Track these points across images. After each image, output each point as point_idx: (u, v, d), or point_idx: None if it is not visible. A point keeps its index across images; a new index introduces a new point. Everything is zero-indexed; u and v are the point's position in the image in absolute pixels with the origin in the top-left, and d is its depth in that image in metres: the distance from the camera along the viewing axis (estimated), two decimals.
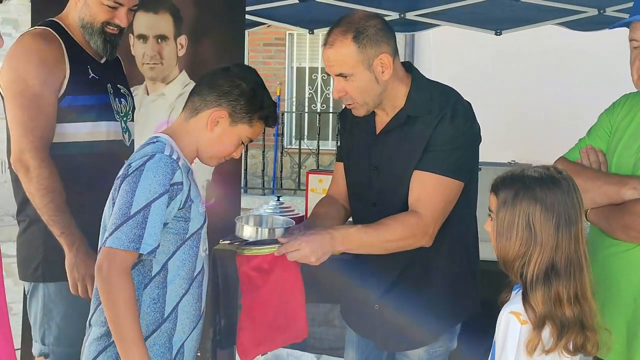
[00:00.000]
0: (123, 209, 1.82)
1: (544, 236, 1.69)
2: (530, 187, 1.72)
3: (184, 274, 1.95)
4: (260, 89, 2.05)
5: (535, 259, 1.69)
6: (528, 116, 6.94)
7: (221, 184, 3.62)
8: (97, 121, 2.41)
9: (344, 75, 2.10)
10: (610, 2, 4.06)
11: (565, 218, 1.69)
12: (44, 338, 2.40)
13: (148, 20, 3.48)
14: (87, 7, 2.39)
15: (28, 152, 2.27)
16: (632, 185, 1.98)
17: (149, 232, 1.81)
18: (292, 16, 4.60)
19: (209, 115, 1.98)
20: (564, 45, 6.34)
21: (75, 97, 2.36)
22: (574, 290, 1.69)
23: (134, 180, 1.84)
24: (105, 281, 1.80)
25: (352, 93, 2.12)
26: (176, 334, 1.95)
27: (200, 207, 1.98)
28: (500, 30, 4.49)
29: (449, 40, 6.47)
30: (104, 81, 2.47)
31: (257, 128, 2.05)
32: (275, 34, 9.96)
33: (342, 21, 2.12)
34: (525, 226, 1.70)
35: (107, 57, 2.49)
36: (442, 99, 2.18)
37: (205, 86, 2.02)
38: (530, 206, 1.70)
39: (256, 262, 2.16)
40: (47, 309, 2.39)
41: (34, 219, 2.37)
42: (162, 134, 1.99)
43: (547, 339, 1.67)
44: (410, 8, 4.39)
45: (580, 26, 4.37)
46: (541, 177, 1.73)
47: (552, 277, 1.68)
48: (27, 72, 2.30)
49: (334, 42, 2.09)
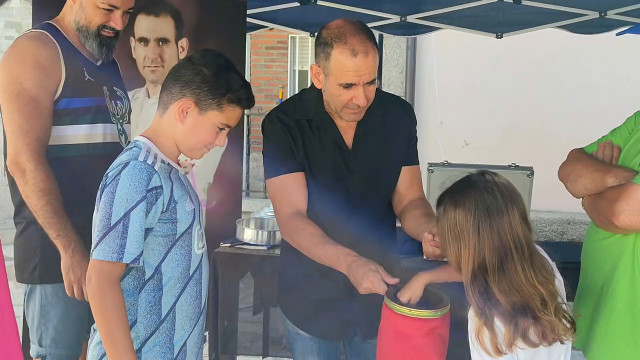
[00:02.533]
0: (104, 220, 1.84)
1: (466, 236, 1.76)
2: (451, 196, 1.81)
3: (179, 274, 1.95)
4: (224, 71, 1.98)
5: (466, 260, 1.76)
6: (529, 119, 6.92)
7: (222, 187, 3.63)
8: (94, 123, 2.41)
9: (373, 80, 2.12)
10: (611, 5, 4.06)
11: (484, 213, 1.74)
12: (41, 340, 2.40)
13: (149, 23, 3.49)
14: (83, 10, 2.40)
15: (24, 155, 2.27)
16: (614, 174, 2.03)
17: (131, 241, 1.83)
18: (293, 19, 4.60)
19: (177, 108, 1.95)
20: (565, 49, 6.33)
21: (71, 100, 2.36)
22: (507, 280, 1.72)
23: (111, 190, 1.85)
24: (95, 293, 1.83)
25: (371, 98, 2.15)
26: (176, 333, 1.96)
27: (186, 206, 1.96)
28: (501, 33, 4.49)
29: (450, 44, 6.47)
30: (100, 83, 2.47)
31: (231, 112, 1.98)
32: (277, 37, 9.97)
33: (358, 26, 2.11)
34: (453, 234, 1.78)
35: (103, 60, 2.49)
36: (396, 97, 2.42)
37: (170, 79, 1.99)
38: (452, 213, 1.78)
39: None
40: (44, 310, 2.39)
41: (30, 221, 2.37)
42: (141, 137, 1.99)
43: (504, 335, 1.71)
44: (412, 11, 4.39)
45: (581, 29, 4.37)
46: (460, 182, 1.83)
47: (480, 275, 1.74)
48: (23, 74, 2.30)
49: (368, 50, 2.08)
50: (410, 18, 4.41)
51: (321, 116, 2.24)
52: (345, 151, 2.24)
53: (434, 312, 1.91)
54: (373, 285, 1.94)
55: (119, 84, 2.62)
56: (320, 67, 2.15)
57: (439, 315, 1.91)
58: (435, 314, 1.91)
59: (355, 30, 2.10)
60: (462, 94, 7.06)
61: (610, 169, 2.06)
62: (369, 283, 1.94)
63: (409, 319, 1.91)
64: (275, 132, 2.25)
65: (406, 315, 1.91)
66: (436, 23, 4.48)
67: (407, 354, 1.93)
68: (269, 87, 10.41)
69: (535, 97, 6.95)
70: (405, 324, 1.92)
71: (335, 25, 2.13)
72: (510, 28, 4.46)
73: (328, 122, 2.23)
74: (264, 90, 10.41)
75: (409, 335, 1.92)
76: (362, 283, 1.96)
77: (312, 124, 2.24)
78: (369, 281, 1.94)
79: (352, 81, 2.09)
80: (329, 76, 2.13)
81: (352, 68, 2.07)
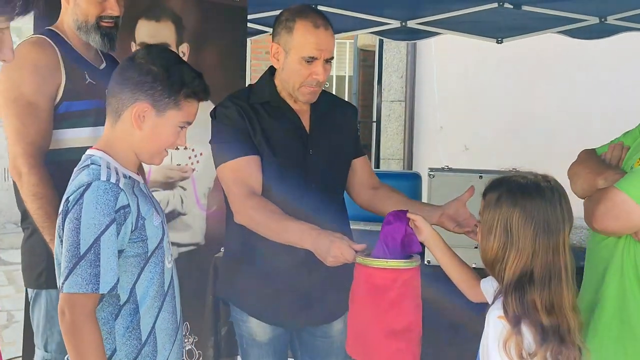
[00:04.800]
0: (72, 250, 1.69)
1: (520, 241, 1.72)
2: (512, 192, 1.75)
3: (154, 292, 1.84)
4: (174, 65, 1.85)
5: (512, 263, 1.72)
6: (529, 124, 6.92)
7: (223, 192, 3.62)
8: (95, 126, 2.41)
9: (330, 59, 2.23)
10: (611, 11, 4.07)
11: (544, 226, 1.71)
12: (47, 345, 2.40)
13: (150, 28, 3.49)
14: (77, 6, 2.43)
15: (20, 158, 2.30)
16: (605, 176, 2.03)
17: (105, 269, 1.69)
18: None
19: (132, 114, 1.80)
20: (565, 54, 6.34)
21: (71, 103, 2.39)
22: (549, 299, 1.70)
23: (75, 216, 1.70)
24: (69, 328, 1.69)
25: (326, 77, 2.26)
26: (159, 354, 1.86)
27: (154, 221, 1.84)
28: (501, 38, 4.50)
29: (450, 49, 6.48)
30: (102, 86, 2.45)
31: (189, 107, 1.85)
32: None
33: (310, 8, 2.28)
34: (504, 229, 1.73)
35: (108, 51, 2.52)
36: (335, 95, 2.63)
37: (116, 83, 1.84)
38: (509, 210, 1.73)
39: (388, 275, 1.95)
40: (49, 315, 2.39)
41: (36, 226, 2.37)
42: (95, 151, 1.84)
43: (529, 343, 1.69)
44: (412, 16, 4.40)
45: (581, 34, 4.38)
46: (526, 183, 1.76)
47: (526, 284, 1.71)
48: (21, 79, 2.33)
49: (327, 26, 2.21)
50: (410, 23, 4.42)
51: (277, 100, 2.30)
52: (303, 132, 2.31)
53: (409, 262, 1.92)
54: (342, 253, 1.93)
55: None
56: (280, 44, 2.24)
57: (414, 265, 1.92)
58: (411, 263, 1.92)
59: (312, 9, 2.27)
60: (462, 99, 7.07)
61: (603, 171, 2.06)
62: (337, 250, 1.93)
63: (386, 270, 1.90)
64: (229, 116, 2.26)
65: (383, 268, 1.90)
66: (436, 28, 4.48)
67: (382, 307, 1.91)
68: None
69: (536, 102, 6.95)
70: (382, 276, 1.90)
71: (296, 6, 2.27)
72: (510, 33, 4.47)
73: (285, 106, 2.31)
74: None
75: (385, 287, 1.90)
76: (330, 251, 1.95)
77: (267, 107, 2.30)
78: (336, 248, 1.93)
79: (314, 54, 2.18)
80: (289, 51, 2.21)
81: (314, 40, 2.18)
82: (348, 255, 1.93)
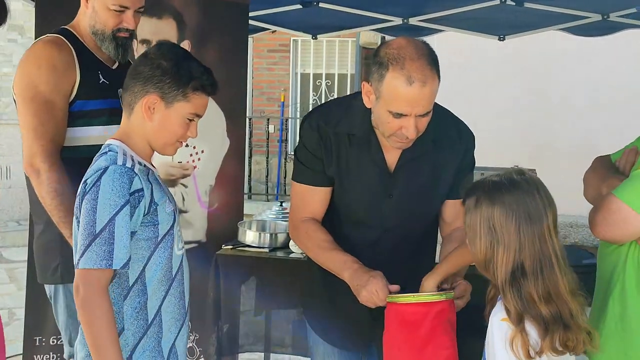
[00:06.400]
0: (88, 228, 1.80)
1: (505, 237, 1.72)
2: (489, 191, 1.76)
3: (161, 276, 1.93)
4: (184, 60, 1.94)
5: (502, 260, 1.72)
6: (532, 121, 6.92)
7: (224, 189, 3.62)
8: (108, 125, 2.44)
9: (428, 112, 1.94)
10: (614, 8, 4.05)
11: (525, 217, 1.71)
12: (71, 340, 2.41)
13: (151, 25, 3.49)
14: (96, 14, 2.46)
15: (39, 156, 2.33)
16: (609, 183, 2.01)
17: (119, 246, 1.79)
18: (295, 21, 4.60)
19: (142, 105, 1.91)
20: (567, 51, 6.33)
21: (85, 102, 2.43)
22: (544, 289, 1.70)
23: (93, 197, 1.81)
24: (83, 303, 1.79)
25: (422, 130, 1.97)
26: (164, 336, 1.94)
27: (167, 207, 1.93)
28: (503, 35, 4.49)
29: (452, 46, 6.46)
30: (115, 86, 2.48)
31: (198, 100, 1.93)
32: (279, 40, 9.98)
33: (422, 50, 1.93)
34: (487, 229, 1.74)
35: (120, 61, 2.55)
36: (454, 120, 2.20)
37: (130, 78, 1.95)
38: (489, 209, 1.73)
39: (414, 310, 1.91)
40: (70, 310, 2.41)
41: (50, 222, 2.40)
42: (113, 140, 1.95)
43: (535, 340, 1.68)
44: (414, 14, 4.39)
45: (583, 31, 4.37)
46: (500, 180, 1.77)
47: (519, 278, 1.71)
48: (38, 78, 2.37)
49: (427, 80, 1.89)
50: (412, 20, 4.40)
51: (366, 133, 2.08)
52: (385, 173, 2.11)
53: (439, 294, 1.88)
54: (376, 290, 1.91)
55: None
56: (372, 86, 1.97)
57: (444, 298, 1.88)
58: (440, 296, 1.88)
59: (416, 54, 1.91)
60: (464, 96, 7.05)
61: (608, 178, 2.04)
62: (372, 286, 1.92)
63: (415, 305, 1.88)
64: (310, 140, 2.15)
65: (411, 303, 1.88)
66: (439, 25, 4.47)
67: (416, 344, 1.88)
68: (271, 90, 10.42)
69: (538, 99, 6.94)
70: (412, 312, 1.88)
71: (396, 45, 1.94)
72: (512, 30, 4.46)
73: (372, 139, 2.08)
74: (266, 93, 10.42)
75: (416, 322, 1.87)
76: (366, 286, 1.94)
77: (352, 138, 2.11)
78: (373, 284, 1.92)
79: (404, 111, 1.91)
80: (379, 99, 1.95)
81: (405, 97, 1.89)
82: (382, 294, 1.92)
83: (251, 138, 9.27)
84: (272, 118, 9.72)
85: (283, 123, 9.75)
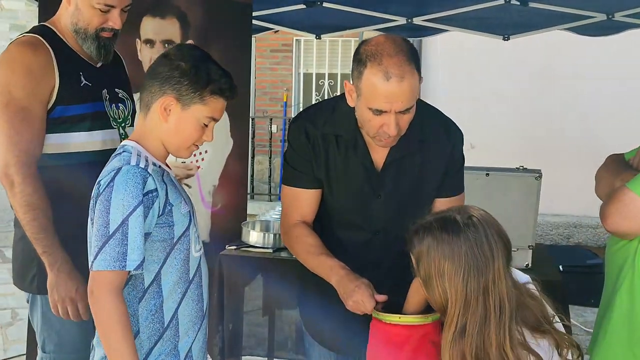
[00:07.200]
0: (101, 229, 1.77)
1: (453, 292, 1.67)
2: (436, 239, 1.71)
3: (178, 278, 1.90)
4: (203, 62, 1.91)
5: (450, 319, 1.69)
6: (536, 122, 6.91)
7: (227, 189, 3.62)
8: (91, 130, 2.33)
9: (409, 109, 1.92)
10: (619, 7, 4.04)
11: (473, 270, 1.66)
12: (44, 346, 2.36)
13: (155, 25, 3.49)
14: (79, 11, 2.31)
15: (12, 167, 2.19)
16: (622, 177, 2.00)
17: (132, 248, 1.76)
18: (298, 21, 4.59)
19: (159, 106, 1.88)
20: (572, 51, 6.32)
21: (66, 107, 2.28)
22: (476, 347, 1.66)
23: (106, 198, 1.78)
24: (97, 305, 1.77)
25: (404, 127, 1.96)
26: (180, 339, 1.92)
27: (182, 208, 1.91)
28: (508, 35, 4.47)
29: (456, 46, 6.45)
30: (99, 87, 2.39)
31: (215, 104, 1.90)
32: (282, 40, 9.97)
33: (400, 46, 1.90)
34: (441, 280, 1.69)
35: (102, 62, 2.42)
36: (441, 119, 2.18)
37: (148, 78, 1.92)
38: (437, 259, 1.69)
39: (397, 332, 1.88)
40: (45, 317, 2.33)
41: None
42: (128, 141, 1.93)
43: None
44: (418, 13, 4.37)
45: (588, 31, 4.35)
46: (444, 224, 1.71)
47: (459, 339, 1.67)
48: (13, 83, 2.22)
49: (405, 75, 1.86)
50: (416, 20, 4.39)
51: (352, 133, 2.08)
52: (372, 173, 2.10)
53: (424, 317, 1.85)
54: (363, 300, 1.89)
55: (121, 85, 2.52)
56: (353, 85, 1.97)
57: (429, 321, 1.85)
58: (426, 319, 1.84)
59: (394, 50, 1.88)
60: (468, 96, 7.05)
61: (621, 172, 2.04)
62: (359, 296, 1.90)
63: (400, 327, 1.84)
64: (297, 143, 2.14)
65: (397, 324, 1.85)
66: (442, 25, 4.46)
67: None
68: (273, 90, 10.41)
69: (543, 99, 6.93)
70: (397, 333, 1.85)
71: (375, 42, 1.93)
72: (517, 30, 4.44)
73: (359, 140, 2.08)
74: (269, 93, 10.41)
75: (401, 344, 1.84)
76: (351, 296, 1.92)
77: (340, 140, 2.10)
78: (359, 294, 1.90)
79: (383, 108, 1.89)
80: (360, 97, 1.94)
81: (383, 93, 1.87)
82: (368, 305, 1.90)
83: (254, 138, 9.25)
84: (274, 118, 9.70)
85: (286, 123, 9.73)
